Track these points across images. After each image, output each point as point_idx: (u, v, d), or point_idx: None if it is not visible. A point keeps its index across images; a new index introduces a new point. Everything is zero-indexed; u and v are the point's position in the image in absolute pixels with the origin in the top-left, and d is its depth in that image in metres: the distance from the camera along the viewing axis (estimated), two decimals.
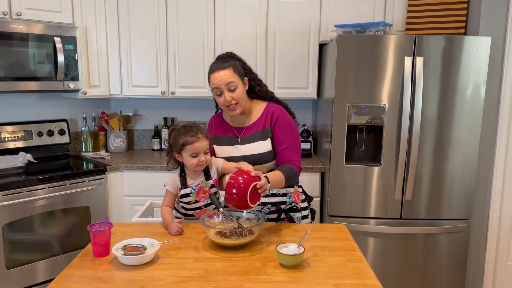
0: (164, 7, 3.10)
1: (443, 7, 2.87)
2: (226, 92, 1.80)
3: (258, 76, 1.96)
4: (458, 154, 2.66)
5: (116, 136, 3.43)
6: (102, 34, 3.09)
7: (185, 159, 1.79)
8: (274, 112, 1.89)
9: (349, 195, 2.74)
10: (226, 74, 1.79)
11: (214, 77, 1.80)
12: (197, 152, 1.76)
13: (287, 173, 1.79)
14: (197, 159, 1.76)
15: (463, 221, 2.74)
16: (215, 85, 1.81)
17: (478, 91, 2.60)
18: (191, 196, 1.81)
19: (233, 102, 1.81)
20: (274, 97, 1.99)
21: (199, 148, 1.76)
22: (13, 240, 2.50)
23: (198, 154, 1.77)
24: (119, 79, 3.19)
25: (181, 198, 1.83)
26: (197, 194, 1.81)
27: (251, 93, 1.93)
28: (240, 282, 1.36)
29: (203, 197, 1.82)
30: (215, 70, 1.81)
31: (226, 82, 1.78)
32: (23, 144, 3.00)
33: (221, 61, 1.83)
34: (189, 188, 1.81)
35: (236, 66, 1.83)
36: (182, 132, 1.77)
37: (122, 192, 3.01)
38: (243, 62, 1.90)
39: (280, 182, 1.76)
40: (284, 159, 1.86)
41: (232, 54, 1.90)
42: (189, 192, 1.80)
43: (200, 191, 1.81)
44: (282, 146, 1.87)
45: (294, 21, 3.11)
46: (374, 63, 2.58)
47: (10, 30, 2.58)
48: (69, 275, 1.41)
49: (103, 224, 1.55)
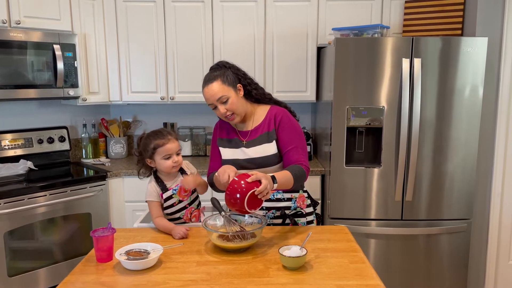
0: (162, 13, 3.11)
1: (440, 9, 2.90)
2: (219, 106, 1.81)
3: (254, 80, 1.94)
4: (458, 154, 2.67)
5: (116, 142, 3.44)
6: (101, 41, 3.10)
7: (158, 162, 1.81)
8: (277, 114, 1.89)
9: (349, 197, 2.74)
10: (214, 88, 1.78)
11: (205, 92, 1.81)
12: (169, 153, 1.80)
13: (295, 173, 1.75)
14: (171, 160, 1.80)
15: (464, 221, 2.75)
16: (208, 101, 1.83)
17: (476, 92, 2.61)
18: (174, 197, 1.85)
19: (228, 113, 1.82)
20: (273, 98, 1.99)
21: (171, 149, 1.80)
22: (14, 247, 2.50)
23: (171, 155, 1.80)
24: (118, 85, 3.20)
25: (165, 203, 1.85)
26: (179, 194, 1.85)
27: (249, 97, 1.93)
28: (244, 285, 1.36)
29: (185, 196, 1.87)
30: (204, 85, 1.82)
31: (216, 98, 1.79)
32: (24, 152, 3.01)
33: (210, 73, 1.84)
34: (170, 190, 1.84)
35: (226, 75, 1.81)
36: (151, 137, 1.81)
37: (123, 198, 3.01)
38: (235, 69, 1.88)
39: (288, 182, 1.71)
40: (290, 160, 1.84)
41: (223, 63, 1.88)
42: (171, 194, 1.84)
43: (181, 191, 1.86)
44: (287, 147, 1.85)
45: (292, 25, 3.12)
46: (372, 66, 2.60)
47: (10, 38, 2.59)
48: (73, 281, 1.42)
49: (106, 230, 1.56)
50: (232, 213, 1.77)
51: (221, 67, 1.86)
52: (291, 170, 1.76)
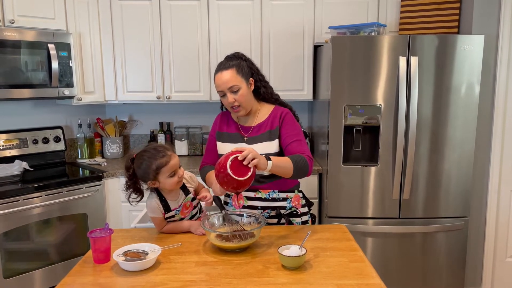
0: (158, 11, 3.09)
1: (436, 7, 2.90)
2: (229, 94, 1.81)
3: (265, 78, 1.96)
4: (454, 152, 2.68)
5: (112, 142, 3.42)
6: (96, 40, 3.08)
7: (163, 182, 1.70)
8: (282, 112, 1.90)
9: (347, 196, 2.74)
10: (229, 75, 1.79)
11: (217, 78, 1.81)
12: (174, 169, 1.69)
13: (296, 160, 1.72)
14: (176, 176, 1.70)
15: (461, 219, 2.75)
16: (218, 88, 1.82)
17: (472, 90, 2.62)
18: (176, 216, 1.79)
19: (235, 104, 1.82)
20: (279, 99, 1.99)
21: (175, 165, 1.69)
22: (10, 249, 2.47)
23: (176, 171, 1.70)
24: (114, 85, 3.18)
25: (166, 219, 1.80)
26: (182, 213, 1.80)
27: (256, 94, 1.92)
28: (243, 285, 1.35)
29: (187, 213, 1.82)
30: (218, 71, 1.82)
31: (228, 86, 1.79)
32: (18, 152, 2.98)
33: (227, 61, 1.84)
34: (173, 211, 1.77)
35: (241, 66, 1.82)
36: (150, 158, 1.66)
37: (120, 198, 2.99)
38: (250, 62, 1.90)
39: (286, 166, 1.68)
40: (292, 151, 1.81)
41: (239, 55, 1.89)
42: (174, 214, 1.78)
43: (183, 209, 1.80)
44: (290, 140, 1.83)
45: (288, 23, 3.11)
46: (369, 64, 2.59)
47: (4, 37, 2.56)
48: (70, 282, 1.40)
49: (103, 231, 1.55)
50: (232, 213, 1.76)
51: (237, 58, 1.86)
52: (292, 157, 1.73)
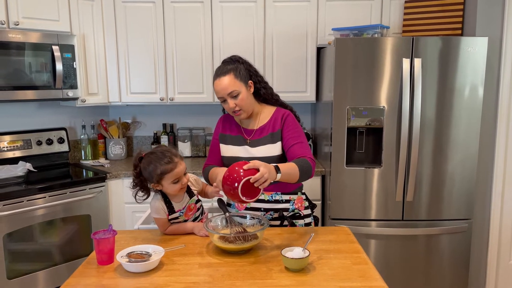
0: (161, 13, 3.10)
1: (439, 9, 2.89)
2: (229, 100, 1.81)
3: (264, 79, 1.95)
4: (458, 154, 2.67)
5: (116, 143, 3.43)
6: (100, 42, 3.09)
7: (166, 187, 1.70)
8: (284, 114, 1.90)
9: (350, 198, 2.74)
10: (227, 81, 1.79)
11: (216, 85, 1.82)
12: (178, 177, 1.69)
13: (302, 166, 1.71)
14: (179, 183, 1.70)
15: (465, 221, 2.74)
16: (218, 94, 1.82)
17: (476, 91, 2.61)
18: (180, 217, 1.79)
19: (236, 108, 1.82)
20: (279, 100, 1.99)
21: (179, 173, 1.68)
22: (13, 250, 2.48)
23: (180, 179, 1.70)
24: (117, 86, 3.19)
25: (169, 221, 1.80)
26: (185, 215, 1.80)
27: (256, 96, 1.93)
28: (246, 286, 1.35)
29: (191, 214, 1.81)
30: (216, 77, 1.82)
31: (227, 92, 1.79)
32: (22, 153, 2.99)
33: (223, 66, 1.84)
34: (177, 212, 1.77)
35: (239, 69, 1.82)
36: (157, 162, 1.67)
37: (123, 200, 2.99)
38: (248, 65, 1.89)
39: (293, 174, 1.68)
40: (295, 154, 1.81)
41: (236, 58, 1.89)
42: (177, 216, 1.78)
43: (187, 210, 1.80)
44: (292, 142, 1.83)
45: (292, 25, 3.12)
46: (372, 66, 2.59)
47: (8, 39, 2.58)
48: (74, 283, 1.40)
49: (107, 232, 1.55)
50: (235, 215, 1.76)
51: (234, 61, 1.86)
52: (297, 162, 1.73)
